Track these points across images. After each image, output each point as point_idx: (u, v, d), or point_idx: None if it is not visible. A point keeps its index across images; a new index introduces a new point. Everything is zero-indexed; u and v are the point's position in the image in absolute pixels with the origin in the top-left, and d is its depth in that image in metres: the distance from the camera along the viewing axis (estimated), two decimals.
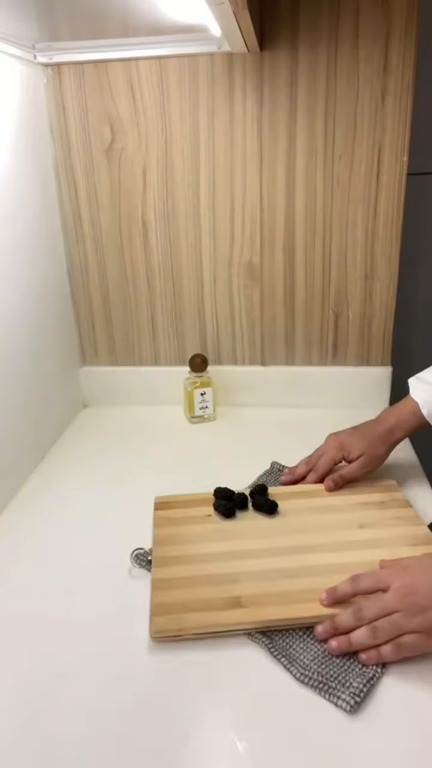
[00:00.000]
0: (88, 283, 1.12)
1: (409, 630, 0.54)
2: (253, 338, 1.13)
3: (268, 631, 0.60)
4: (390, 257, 1.04)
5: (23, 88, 0.93)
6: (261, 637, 0.59)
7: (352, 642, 0.56)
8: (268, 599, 0.62)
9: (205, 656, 0.58)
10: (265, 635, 0.59)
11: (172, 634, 0.60)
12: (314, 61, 0.94)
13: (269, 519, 0.78)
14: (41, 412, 0.99)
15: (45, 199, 1.02)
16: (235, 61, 0.95)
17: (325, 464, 0.84)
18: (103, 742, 0.51)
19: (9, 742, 0.51)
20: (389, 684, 0.54)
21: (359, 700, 0.52)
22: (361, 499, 0.81)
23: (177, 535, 0.75)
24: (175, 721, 0.52)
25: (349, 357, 1.12)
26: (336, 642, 0.56)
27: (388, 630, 0.55)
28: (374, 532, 0.74)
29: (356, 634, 0.56)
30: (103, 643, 0.61)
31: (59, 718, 0.53)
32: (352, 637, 0.56)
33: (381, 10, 0.90)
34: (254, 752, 0.49)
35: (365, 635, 0.55)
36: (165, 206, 1.05)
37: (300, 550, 0.71)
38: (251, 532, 0.75)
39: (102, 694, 0.55)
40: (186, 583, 0.66)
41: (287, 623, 0.60)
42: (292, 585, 0.64)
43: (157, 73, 0.97)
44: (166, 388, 1.14)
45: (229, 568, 0.68)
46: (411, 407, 0.82)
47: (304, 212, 1.03)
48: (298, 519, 0.77)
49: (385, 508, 0.79)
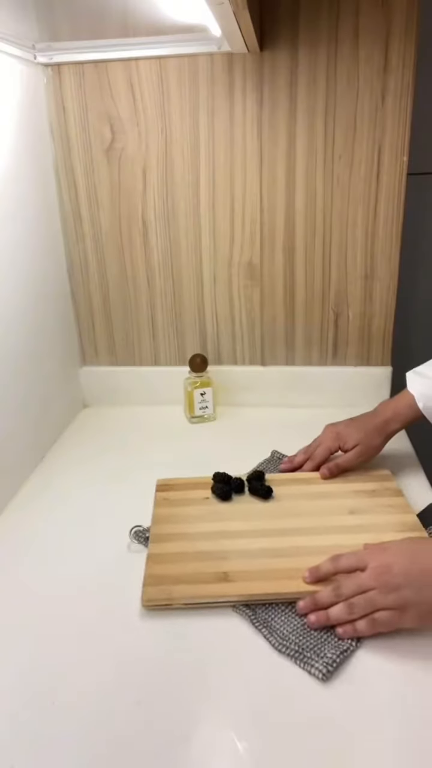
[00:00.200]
0: (88, 283, 1.12)
1: (383, 606, 0.57)
2: (253, 338, 1.13)
3: (252, 604, 0.63)
4: (390, 257, 1.04)
5: (23, 88, 0.93)
6: (245, 609, 0.63)
7: (329, 616, 0.59)
8: (254, 575, 0.66)
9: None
10: (249, 608, 0.63)
11: (161, 603, 0.64)
12: (314, 61, 0.94)
13: (264, 503, 0.81)
14: (41, 412, 0.99)
15: (45, 199, 1.02)
16: (235, 61, 0.95)
17: (321, 453, 0.87)
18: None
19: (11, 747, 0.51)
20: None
21: (332, 669, 0.55)
22: (355, 487, 0.83)
23: (174, 515, 0.79)
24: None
25: (349, 357, 1.12)
26: (315, 616, 0.60)
27: (363, 606, 0.58)
28: (364, 518, 0.76)
29: (334, 609, 0.59)
30: (104, 643, 0.61)
31: (59, 716, 0.53)
32: (330, 612, 0.59)
33: (381, 10, 0.90)
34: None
35: (342, 610, 0.59)
36: (165, 206, 1.05)
37: (290, 533, 0.74)
38: (245, 514, 0.79)
39: (102, 689, 0.55)
40: (179, 558, 0.70)
41: (270, 597, 0.63)
42: (279, 563, 0.68)
43: (157, 73, 0.97)
44: (166, 388, 1.14)
45: (220, 546, 0.72)
46: (407, 400, 0.84)
47: (304, 212, 1.03)
48: (292, 504, 0.81)
49: (377, 496, 0.81)
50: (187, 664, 0.58)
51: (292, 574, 0.65)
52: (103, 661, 0.59)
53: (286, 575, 0.66)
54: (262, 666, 0.57)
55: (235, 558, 0.69)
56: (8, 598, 0.68)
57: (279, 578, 0.65)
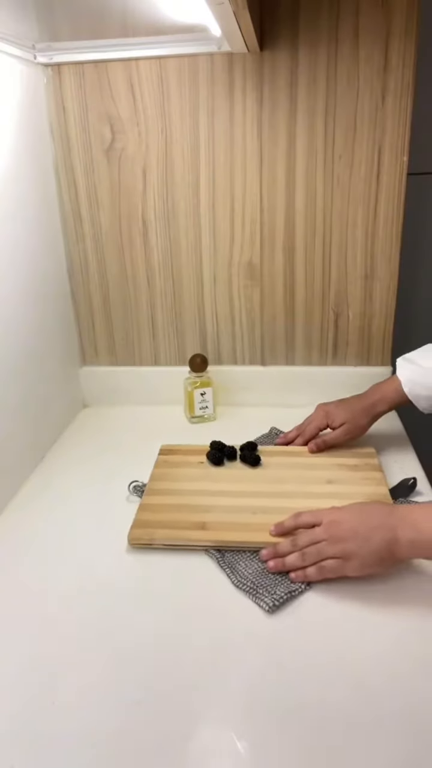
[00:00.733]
0: (88, 283, 1.12)
1: (330, 556, 0.65)
2: (253, 338, 1.13)
3: (222, 549, 0.73)
4: (390, 257, 1.04)
5: (23, 88, 0.93)
6: (215, 552, 0.72)
7: (285, 563, 0.68)
8: (227, 526, 0.76)
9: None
10: (219, 552, 0.72)
11: (144, 542, 0.74)
12: (314, 61, 0.94)
13: (252, 470, 0.90)
14: (41, 412, 0.99)
15: (45, 199, 1.02)
16: (235, 61, 0.95)
17: (311, 430, 0.95)
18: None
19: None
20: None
21: (278, 604, 0.64)
22: (338, 462, 0.91)
23: (170, 474, 0.89)
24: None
25: (349, 357, 1.12)
26: (273, 562, 0.69)
27: (314, 555, 0.66)
28: (339, 488, 0.84)
29: (289, 557, 0.68)
30: (105, 643, 0.61)
31: (59, 716, 0.53)
32: (286, 559, 0.68)
33: (381, 10, 0.90)
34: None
35: (296, 558, 0.67)
36: (165, 206, 1.05)
37: (269, 495, 0.83)
38: (233, 478, 0.88)
39: (102, 689, 0.55)
40: (166, 509, 0.80)
41: (239, 545, 0.73)
42: (252, 518, 0.77)
43: (157, 73, 0.97)
44: (166, 388, 1.14)
45: (204, 501, 0.81)
46: (395, 385, 0.90)
47: (304, 212, 1.03)
48: (278, 472, 0.89)
49: (357, 471, 0.88)
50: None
51: (260, 528, 0.74)
52: (103, 661, 0.59)
53: (255, 528, 0.75)
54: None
55: (215, 512, 0.79)
56: (8, 598, 0.68)
57: (249, 530, 0.74)
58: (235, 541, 0.73)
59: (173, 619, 0.64)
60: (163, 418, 1.12)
